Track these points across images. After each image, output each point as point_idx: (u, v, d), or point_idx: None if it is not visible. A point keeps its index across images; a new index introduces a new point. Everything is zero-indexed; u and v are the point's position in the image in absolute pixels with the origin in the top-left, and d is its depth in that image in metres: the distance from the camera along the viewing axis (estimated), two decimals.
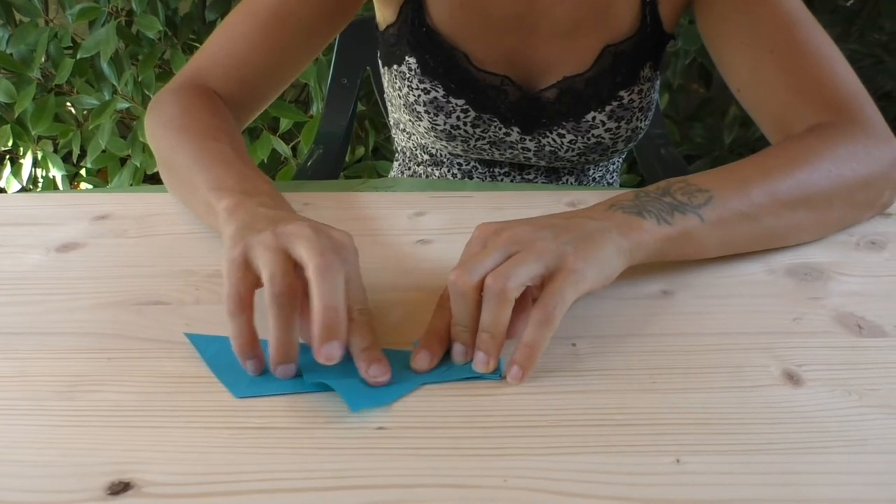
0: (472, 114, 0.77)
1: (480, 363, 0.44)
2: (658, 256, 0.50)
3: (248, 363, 0.44)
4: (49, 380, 0.45)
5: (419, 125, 0.80)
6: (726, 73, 0.67)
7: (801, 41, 0.62)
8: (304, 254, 0.43)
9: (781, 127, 0.63)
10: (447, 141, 0.80)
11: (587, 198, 0.66)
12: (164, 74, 1.65)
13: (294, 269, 0.43)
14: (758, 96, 0.65)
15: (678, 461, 0.39)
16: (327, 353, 0.41)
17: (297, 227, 0.45)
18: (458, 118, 0.77)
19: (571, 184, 0.88)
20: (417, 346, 0.46)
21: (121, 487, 0.37)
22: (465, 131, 0.78)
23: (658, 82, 0.81)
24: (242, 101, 0.68)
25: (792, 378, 0.44)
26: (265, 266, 0.43)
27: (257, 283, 0.44)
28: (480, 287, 0.44)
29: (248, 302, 0.44)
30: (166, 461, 0.39)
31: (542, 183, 0.87)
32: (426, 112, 0.77)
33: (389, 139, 1.80)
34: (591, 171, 0.89)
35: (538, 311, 0.43)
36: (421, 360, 0.45)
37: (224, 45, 0.68)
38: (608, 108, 0.76)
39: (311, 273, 0.42)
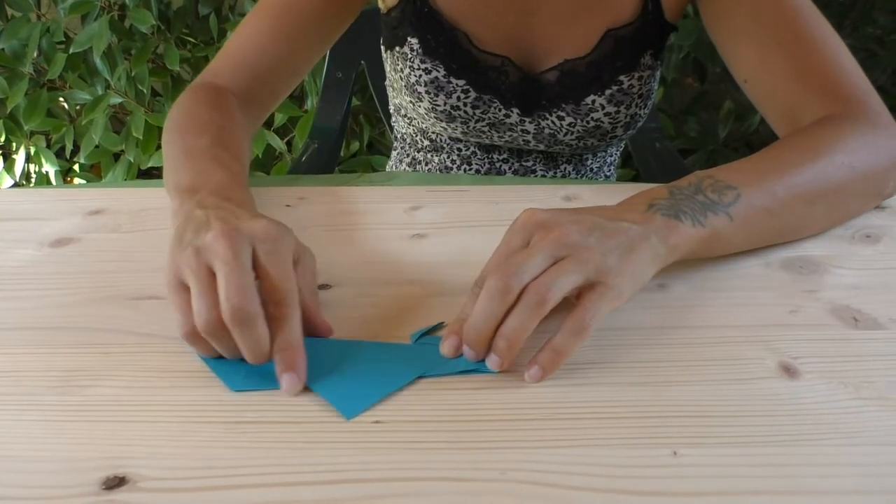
0: (473, 94, 0.77)
1: (495, 364, 0.43)
2: (686, 256, 0.50)
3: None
4: (43, 375, 0.44)
5: (419, 106, 0.80)
6: (732, 64, 0.67)
7: (807, 33, 0.62)
8: (219, 273, 0.43)
9: (789, 117, 0.63)
10: (447, 122, 0.80)
11: (584, 192, 0.66)
12: (158, 69, 1.64)
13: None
14: (766, 87, 0.65)
15: (675, 454, 0.39)
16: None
17: (213, 238, 0.44)
18: (458, 98, 0.78)
19: (569, 172, 0.88)
20: (447, 330, 0.46)
21: (115, 482, 0.37)
22: (465, 112, 0.79)
23: (658, 72, 0.81)
24: (255, 94, 0.69)
25: (788, 370, 0.44)
26: (196, 298, 0.43)
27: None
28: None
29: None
30: (161, 456, 0.39)
31: (541, 170, 0.87)
32: (427, 92, 0.78)
33: (384, 134, 1.79)
34: (589, 161, 0.89)
35: (574, 321, 0.43)
36: (450, 347, 0.45)
37: (236, 42, 0.70)
38: (608, 93, 0.76)
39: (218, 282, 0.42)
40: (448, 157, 0.88)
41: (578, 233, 0.45)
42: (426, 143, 0.89)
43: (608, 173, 0.95)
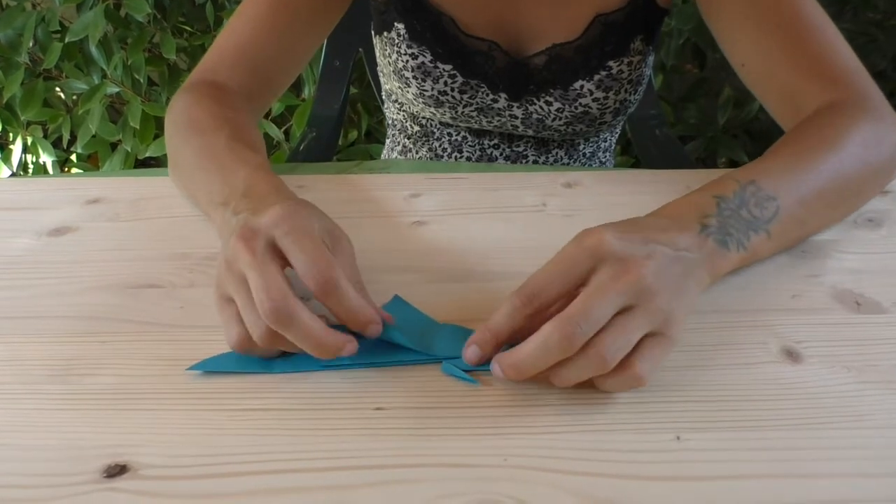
0: (460, 79, 0.77)
1: (497, 375, 0.41)
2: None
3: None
4: (42, 364, 0.44)
5: (408, 92, 0.80)
6: (729, 48, 0.66)
7: (805, 18, 0.61)
8: (248, 278, 0.41)
9: (789, 102, 0.62)
10: (435, 107, 0.80)
11: (585, 178, 0.65)
12: (154, 58, 1.63)
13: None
14: (764, 71, 0.63)
15: (678, 438, 0.38)
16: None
17: (233, 244, 0.42)
18: (445, 83, 0.77)
19: (561, 157, 0.88)
20: (474, 339, 0.42)
21: (117, 470, 0.37)
22: (453, 97, 0.78)
23: (651, 58, 0.80)
24: (255, 89, 0.68)
25: (791, 355, 0.44)
26: (243, 313, 0.42)
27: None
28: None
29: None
30: (162, 444, 0.38)
31: (532, 155, 0.87)
32: (414, 78, 0.77)
33: (382, 122, 1.78)
34: (582, 146, 0.89)
35: (632, 375, 0.40)
36: (474, 356, 0.42)
37: (230, 37, 0.69)
38: (596, 78, 0.75)
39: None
40: (439, 144, 0.88)
41: (652, 274, 0.40)
42: (416, 128, 0.89)
43: (603, 159, 0.94)
